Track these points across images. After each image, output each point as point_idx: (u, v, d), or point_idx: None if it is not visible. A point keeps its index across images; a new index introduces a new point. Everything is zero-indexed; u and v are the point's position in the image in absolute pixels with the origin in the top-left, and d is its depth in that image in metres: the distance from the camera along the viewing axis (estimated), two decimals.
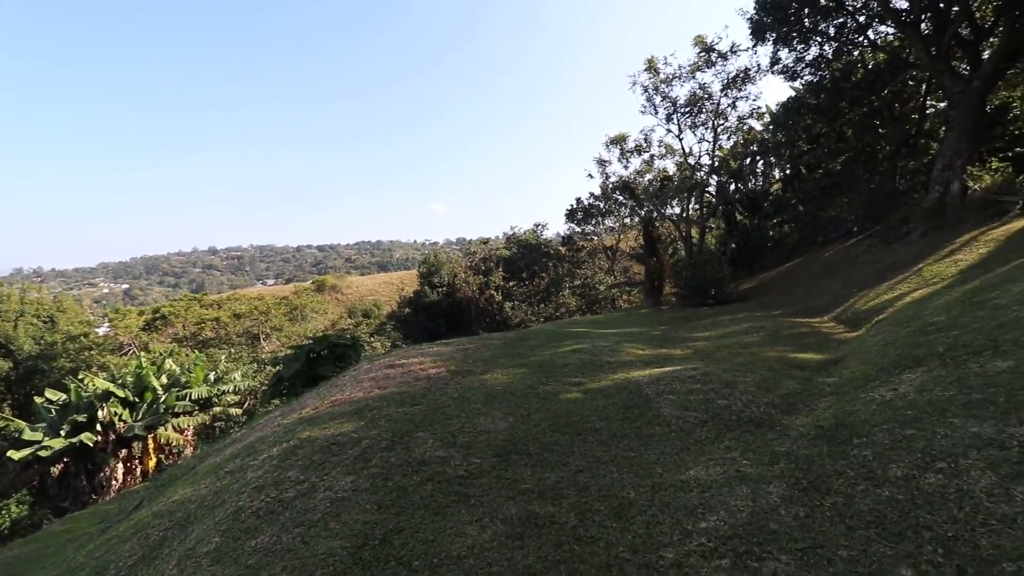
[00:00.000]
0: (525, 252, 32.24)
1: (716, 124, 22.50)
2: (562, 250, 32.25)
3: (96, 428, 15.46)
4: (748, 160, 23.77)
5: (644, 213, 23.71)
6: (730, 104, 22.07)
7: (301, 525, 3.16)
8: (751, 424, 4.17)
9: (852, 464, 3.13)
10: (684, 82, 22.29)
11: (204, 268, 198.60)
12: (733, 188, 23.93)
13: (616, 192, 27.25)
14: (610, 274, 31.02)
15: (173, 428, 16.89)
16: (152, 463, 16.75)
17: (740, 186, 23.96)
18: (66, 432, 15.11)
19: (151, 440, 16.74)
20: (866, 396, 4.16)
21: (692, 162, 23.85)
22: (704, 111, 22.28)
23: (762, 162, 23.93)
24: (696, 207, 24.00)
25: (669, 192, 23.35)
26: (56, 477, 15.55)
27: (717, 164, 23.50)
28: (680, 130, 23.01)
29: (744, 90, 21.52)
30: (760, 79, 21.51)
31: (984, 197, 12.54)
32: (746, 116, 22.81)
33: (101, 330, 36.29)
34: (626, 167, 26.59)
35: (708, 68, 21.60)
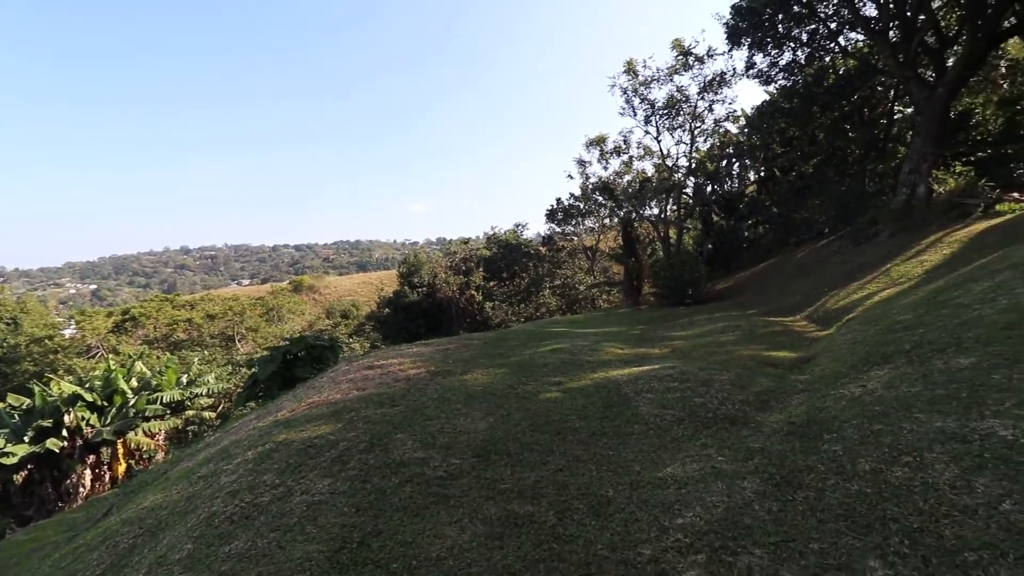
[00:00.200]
0: (506, 252, 32.27)
1: (693, 126, 22.84)
2: (542, 250, 32.38)
3: (62, 434, 14.92)
4: (724, 162, 24.21)
5: (623, 214, 23.95)
6: (707, 107, 22.45)
7: (277, 530, 3.10)
8: (726, 421, 4.25)
9: (823, 459, 3.21)
10: (662, 85, 22.60)
11: (176, 268, 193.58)
12: (710, 190, 24.36)
13: (596, 193, 27.45)
14: (590, 274, 31.25)
15: (144, 433, 16.40)
16: (122, 469, 16.24)
17: (716, 188, 24.40)
18: (30, 438, 14.54)
19: (120, 445, 16.23)
20: (836, 393, 4.28)
21: (670, 164, 24.18)
22: (681, 113, 22.60)
23: (737, 164, 24.40)
24: (674, 208, 24.33)
25: (648, 193, 23.61)
26: (20, 485, 14.95)
27: (694, 166, 23.87)
28: (658, 132, 23.32)
29: (720, 93, 21.90)
30: (736, 83, 21.97)
31: (948, 200, 13.01)
32: (722, 119, 23.23)
33: (67, 332, 35.09)
34: (605, 168, 26.83)
35: (685, 71, 21.93)
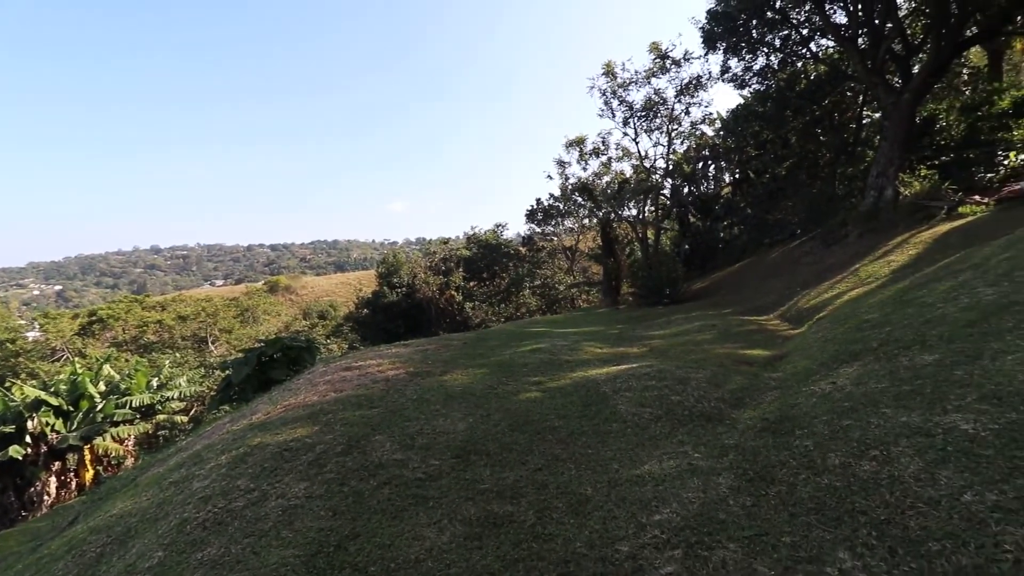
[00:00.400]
0: (486, 252, 32.24)
1: (670, 129, 23.17)
2: (522, 250, 32.45)
3: (25, 440, 14.36)
4: (700, 164, 24.62)
5: (602, 214, 24.16)
6: (683, 110, 22.80)
7: (251, 535, 3.04)
8: (703, 418, 4.32)
9: (795, 454, 3.30)
10: (640, 87, 22.87)
11: (146, 268, 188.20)
12: (686, 191, 24.74)
13: (575, 193, 27.65)
14: (569, 274, 31.45)
15: (112, 438, 15.90)
16: (89, 476, 15.72)
17: (693, 189, 24.80)
18: None
19: (88, 451, 15.70)
20: (808, 389, 4.39)
21: (648, 165, 24.49)
22: (659, 116, 22.91)
23: (713, 166, 24.84)
24: (652, 209, 24.64)
25: (626, 194, 23.86)
26: None
27: (671, 168, 24.21)
28: (636, 134, 23.60)
29: (697, 96, 22.28)
30: (711, 86, 22.40)
31: (914, 202, 13.45)
32: (698, 122, 23.64)
33: (31, 335, 33.77)
34: (585, 169, 27.04)
35: (663, 74, 22.23)
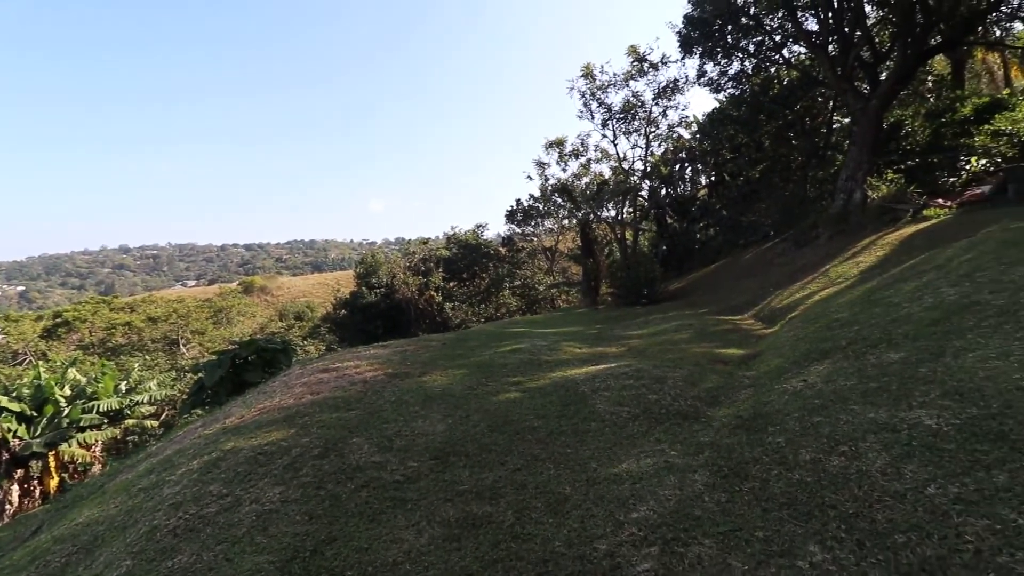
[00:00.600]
0: (466, 252, 32.15)
1: (648, 131, 23.49)
2: (502, 251, 32.46)
3: None
4: (677, 166, 25.01)
5: (581, 215, 24.33)
6: (661, 112, 23.16)
7: (224, 542, 2.98)
8: (679, 417, 4.38)
9: (767, 451, 3.37)
10: (618, 90, 23.15)
11: (114, 268, 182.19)
12: (664, 193, 25.10)
13: (555, 194, 27.79)
14: (549, 274, 31.56)
15: (78, 444, 15.33)
16: (54, 483, 15.13)
17: (670, 191, 25.17)
18: None
19: (52, 458, 15.11)
20: (780, 387, 4.50)
21: (626, 167, 24.78)
22: (637, 118, 23.21)
23: (690, 169, 25.26)
24: (630, 210, 24.92)
25: (605, 195, 24.10)
26: None
27: (649, 169, 24.54)
28: (615, 136, 23.88)
29: (673, 100, 22.66)
30: (688, 90, 22.74)
31: (881, 205, 13.89)
32: (675, 124, 24.02)
33: None
34: (564, 170, 27.22)
35: (641, 77, 22.54)
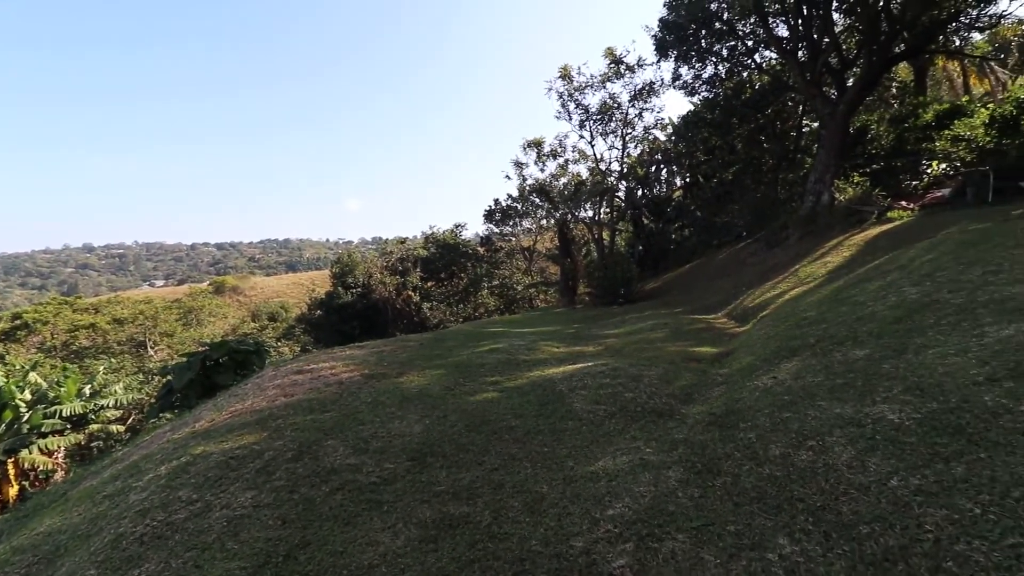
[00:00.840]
0: (444, 252, 31.97)
1: (624, 133, 23.78)
2: (481, 250, 32.39)
3: None
4: (653, 168, 25.37)
5: (559, 215, 24.51)
6: (637, 114, 23.47)
7: (193, 548, 2.90)
8: (654, 414, 4.45)
9: (739, 446, 3.45)
10: (596, 91, 23.38)
11: (78, 268, 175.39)
12: (640, 194, 25.43)
13: (533, 194, 27.89)
14: (527, 274, 31.63)
15: (40, 450, 14.70)
16: (13, 492, 14.48)
17: (646, 192, 25.52)
18: None
19: (11, 465, 14.46)
20: (751, 384, 4.60)
21: (603, 168, 25.02)
22: (614, 120, 23.46)
23: (665, 170, 25.66)
24: (607, 211, 25.17)
25: (582, 196, 24.30)
26: None
27: (626, 170, 24.83)
28: (592, 137, 24.09)
29: (649, 102, 22.99)
30: (664, 92, 23.14)
31: (848, 207, 14.34)
32: (651, 126, 24.39)
33: None
34: (542, 170, 27.34)
35: (617, 79, 22.79)
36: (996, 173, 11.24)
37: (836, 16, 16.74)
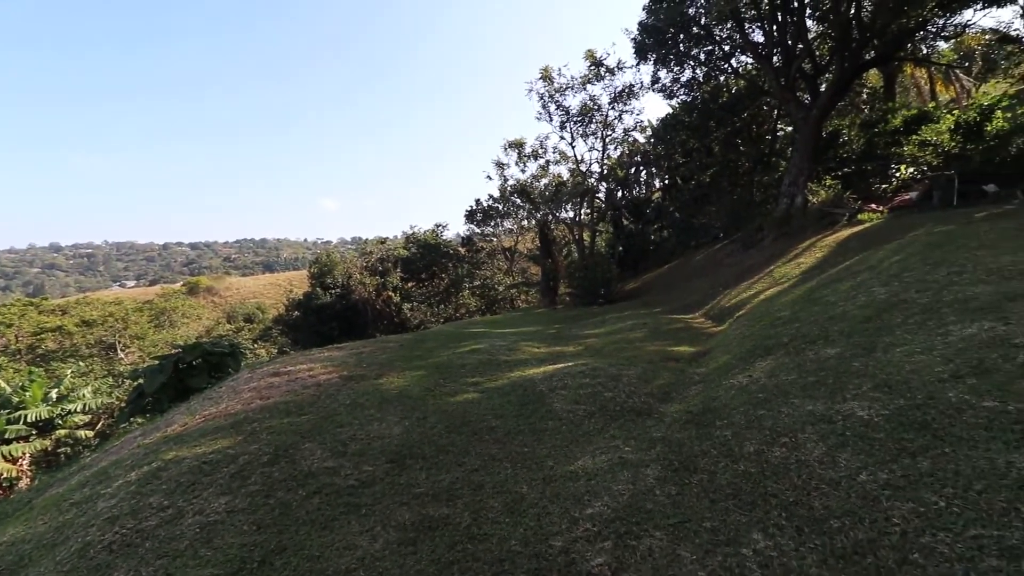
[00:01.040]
0: (424, 252, 31.74)
1: (604, 134, 23.96)
2: (462, 251, 32.25)
3: None
4: (633, 169, 25.63)
5: (540, 216, 24.57)
6: (617, 116, 23.66)
7: (164, 556, 2.82)
8: (633, 413, 4.49)
9: (715, 444, 3.51)
10: (576, 93, 23.51)
11: (44, 268, 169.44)
12: (620, 195, 25.67)
13: (514, 195, 27.89)
14: (509, 275, 31.62)
15: (3, 457, 14.18)
16: None
17: (626, 193, 25.77)
18: None
19: None
20: (727, 383, 4.68)
21: (584, 169, 25.17)
22: (594, 121, 23.62)
23: (645, 172, 25.95)
24: (587, 212, 25.34)
25: (563, 197, 24.41)
26: None
27: (606, 172, 25.02)
28: (572, 138, 24.20)
29: (629, 104, 23.18)
30: (643, 95, 23.35)
31: (820, 209, 14.69)
32: (631, 128, 24.61)
33: None
34: (523, 171, 27.36)
35: (598, 81, 22.96)
36: (961, 177, 11.64)
37: (809, 23, 17.15)
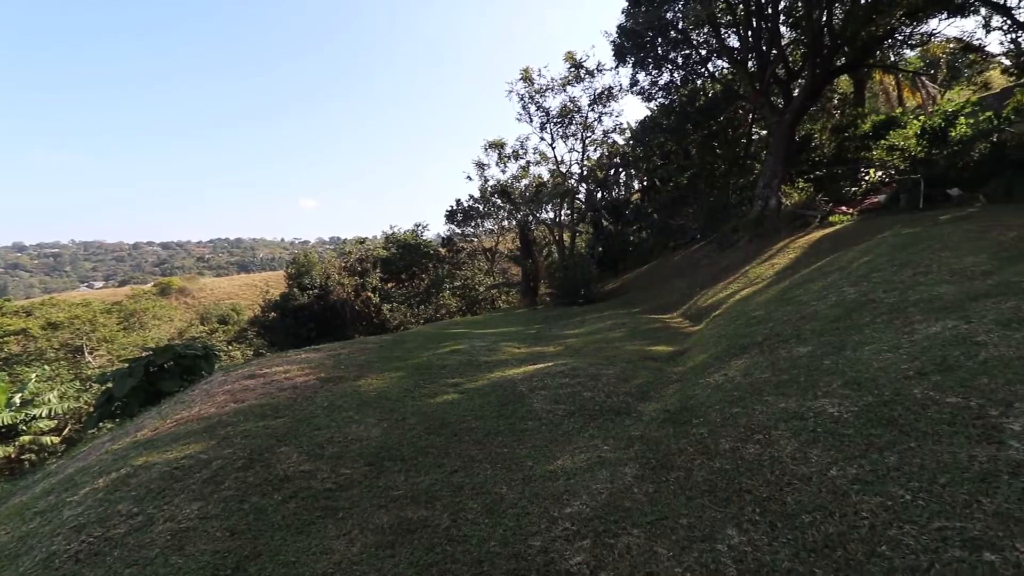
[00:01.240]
0: (404, 252, 31.49)
1: (584, 136, 24.12)
2: (442, 251, 32.09)
3: None
4: (612, 171, 25.87)
5: (520, 217, 24.62)
6: (596, 118, 23.84)
7: (134, 565, 2.74)
8: (612, 413, 4.53)
9: (692, 441, 3.56)
10: (556, 94, 23.62)
11: (7, 268, 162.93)
12: (600, 196, 25.88)
13: (494, 195, 27.87)
14: (489, 275, 31.57)
15: None
16: None
17: (606, 194, 25.99)
18: None
19: None
20: (704, 381, 4.76)
21: (564, 170, 25.30)
22: (574, 123, 23.76)
23: (624, 174, 26.21)
24: (567, 213, 25.46)
25: (543, 197, 24.50)
26: None
27: (586, 173, 25.20)
28: (552, 139, 24.31)
29: (608, 106, 23.39)
30: (622, 97, 23.61)
31: (793, 211, 15.05)
32: (610, 130, 24.84)
33: None
34: (503, 171, 27.37)
35: (578, 83, 23.11)
36: (926, 181, 12.06)
37: (783, 29, 17.56)
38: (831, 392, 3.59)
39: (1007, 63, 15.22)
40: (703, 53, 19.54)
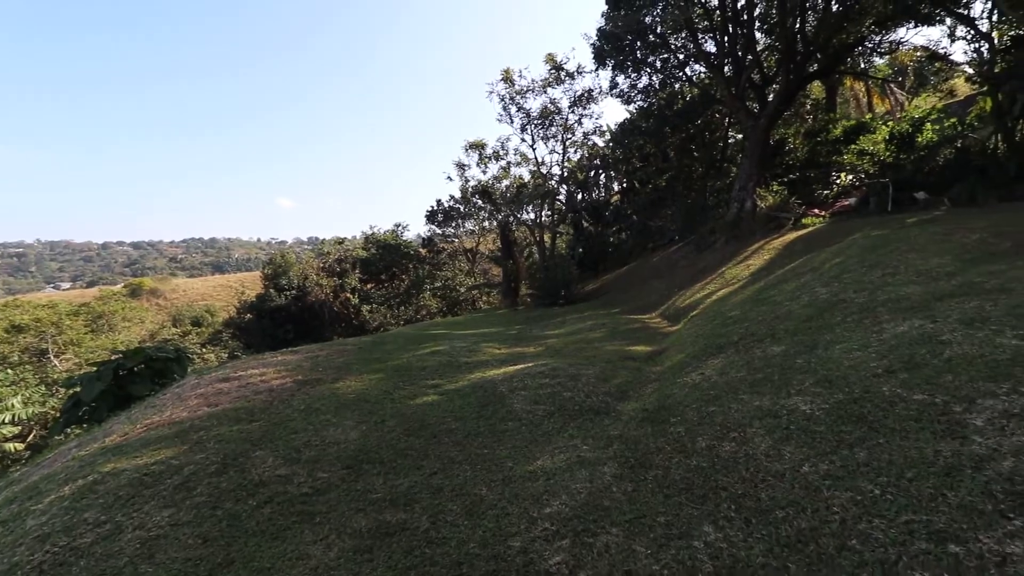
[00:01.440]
0: (384, 253, 31.22)
1: (565, 138, 24.28)
2: (423, 251, 31.91)
3: None
4: (592, 173, 26.07)
5: (501, 217, 24.62)
6: (576, 120, 24.03)
7: (101, 574, 2.65)
8: (591, 412, 4.56)
9: (669, 440, 3.60)
10: (537, 96, 23.72)
11: None
12: (580, 197, 26.04)
13: (475, 196, 27.83)
14: (470, 276, 31.51)
15: None
16: None
17: (586, 196, 26.17)
18: None
19: None
20: (681, 381, 4.83)
21: (544, 171, 25.41)
22: (554, 124, 23.90)
23: (604, 175, 26.43)
24: (548, 213, 25.56)
25: (524, 198, 24.55)
26: None
27: (566, 175, 25.34)
28: (533, 141, 24.41)
29: (588, 109, 23.59)
30: (602, 100, 23.80)
31: (768, 213, 15.35)
32: (590, 132, 25.08)
33: None
34: (484, 172, 27.36)
35: (558, 85, 23.24)
36: (895, 184, 12.44)
37: (758, 35, 17.93)
38: (804, 390, 3.67)
39: (970, 71, 15.80)
40: (681, 57, 19.85)
